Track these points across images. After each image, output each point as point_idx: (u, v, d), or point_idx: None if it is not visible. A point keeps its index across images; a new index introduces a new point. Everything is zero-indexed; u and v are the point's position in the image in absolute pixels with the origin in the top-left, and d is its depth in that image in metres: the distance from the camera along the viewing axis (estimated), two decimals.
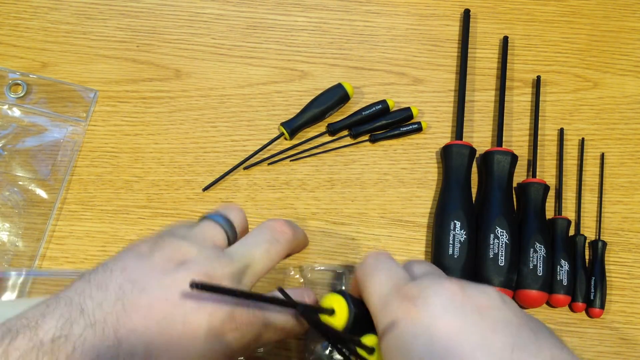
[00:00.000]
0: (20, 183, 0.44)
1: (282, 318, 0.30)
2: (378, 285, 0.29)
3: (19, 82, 0.47)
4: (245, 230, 0.34)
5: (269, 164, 0.47)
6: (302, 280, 0.42)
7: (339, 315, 0.30)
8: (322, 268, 0.42)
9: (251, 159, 0.47)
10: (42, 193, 0.44)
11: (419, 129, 0.48)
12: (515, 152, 0.47)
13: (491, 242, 0.43)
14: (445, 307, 0.26)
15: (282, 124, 0.47)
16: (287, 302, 0.29)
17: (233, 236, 0.32)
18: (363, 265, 0.32)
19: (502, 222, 0.43)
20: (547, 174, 0.49)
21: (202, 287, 0.25)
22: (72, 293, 0.25)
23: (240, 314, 0.27)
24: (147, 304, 0.25)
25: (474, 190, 0.47)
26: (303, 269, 0.42)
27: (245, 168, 0.47)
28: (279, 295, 0.30)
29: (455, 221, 0.43)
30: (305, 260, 0.44)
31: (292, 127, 0.47)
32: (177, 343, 0.25)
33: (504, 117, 0.49)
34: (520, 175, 0.48)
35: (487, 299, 0.27)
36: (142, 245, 0.29)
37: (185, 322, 0.26)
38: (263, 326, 0.29)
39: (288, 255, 0.35)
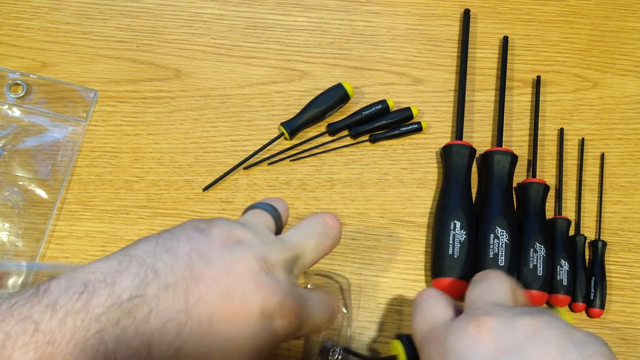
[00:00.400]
0: (20, 183, 0.44)
1: (319, 316, 0.31)
2: (418, 323, 0.31)
3: (19, 82, 0.47)
4: (286, 223, 0.35)
5: (269, 164, 0.47)
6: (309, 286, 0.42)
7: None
8: (323, 274, 0.42)
9: (251, 159, 0.47)
10: (42, 193, 0.44)
11: (419, 129, 0.48)
12: (515, 152, 0.47)
13: (491, 242, 0.43)
14: (508, 343, 0.26)
15: (282, 124, 0.47)
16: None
17: (279, 224, 0.33)
18: (414, 302, 0.33)
19: (502, 222, 0.43)
20: (547, 174, 0.49)
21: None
22: (141, 253, 0.25)
23: (290, 304, 0.28)
24: (212, 275, 0.26)
25: (474, 190, 0.47)
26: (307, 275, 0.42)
27: (245, 168, 0.47)
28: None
29: (455, 221, 0.43)
30: None
31: (292, 127, 0.47)
32: (234, 318, 0.26)
33: (504, 117, 0.49)
34: (520, 175, 0.48)
35: None
36: (199, 222, 0.29)
37: (243, 299, 0.26)
38: (304, 320, 0.29)
39: None
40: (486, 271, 0.33)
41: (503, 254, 0.42)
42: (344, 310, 0.40)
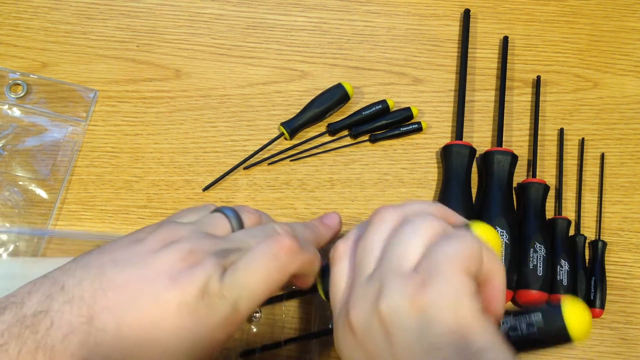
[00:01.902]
0: (20, 183, 0.44)
1: (253, 282, 0.28)
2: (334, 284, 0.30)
3: (19, 82, 0.47)
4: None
5: (269, 164, 0.47)
6: None
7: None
8: None
9: (251, 159, 0.47)
10: (42, 193, 0.44)
11: (419, 129, 0.48)
12: (515, 152, 0.47)
13: None
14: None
15: (282, 124, 0.47)
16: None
17: (238, 228, 0.32)
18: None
19: (502, 222, 0.43)
20: (547, 174, 0.49)
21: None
22: (59, 272, 0.27)
23: (212, 287, 0.27)
24: (123, 281, 0.26)
25: (474, 190, 0.47)
26: None
27: (245, 168, 0.47)
28: None
29: None
30: None
31: (292, 127, 0.47)
32: (148, 320, 0.25)
33: (504, 117, 0.49)
34: (520, 175, 0.48)
35: None
36: (141, 232, 0.29)
37: (156, 298, 0.26)
38: (236, 297, 0.28)
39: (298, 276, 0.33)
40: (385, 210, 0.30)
41: (503, 254, 0.42)
42: None
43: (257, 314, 0.40)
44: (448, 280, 0.25)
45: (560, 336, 0.27)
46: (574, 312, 0.27)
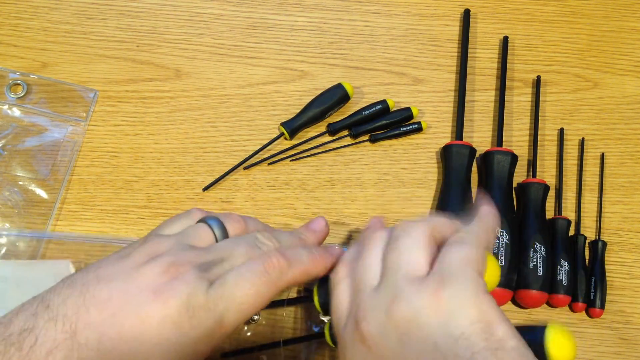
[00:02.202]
0: (20, 183, 0.44)
1: (240, 296, 0.29)
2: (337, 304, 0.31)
3: (19, 82, 0.47)
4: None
5: (269, 164, 0.47)
6: None
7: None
8: None
9: (251, 159, 0.47)
10: (42, 193, 0.44)
11: (419, 129, 0.48)
12: (515, 152, 0.47)
13: None
14: None
15: (282, 124, 0.47)
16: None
17: (222, 238, 0.32)
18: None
19: (502, 222, 0.43)
20: (547, 174, 0.49)
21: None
22: (47, 292, 0.27)
23: (195, 300, 0.27)
24: (107, 297, 0.26)
25: (474, 190, 0.47)
26: None
27: (245, 168, 0.47)
28: None
29: None
30: None
31: (292, 127, 0.47)
32: (130, 333, 0.26)
33: (504, 117, 0.49)
34: (520, 175, 0.48)
35: None
36: (129, 248, 0.30)
37: (138, 312, 0.26)
38: (222, 310, 0.28)
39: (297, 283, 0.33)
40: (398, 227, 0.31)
41: (503, 254, 0.42)
42: None
43: (256, 317, 0.40)
44: (465, 279, 0.26)
45: None
46: (557, 341, 0.27)
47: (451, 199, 0.44)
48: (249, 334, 0.39)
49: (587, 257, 0.46)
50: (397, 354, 0.26)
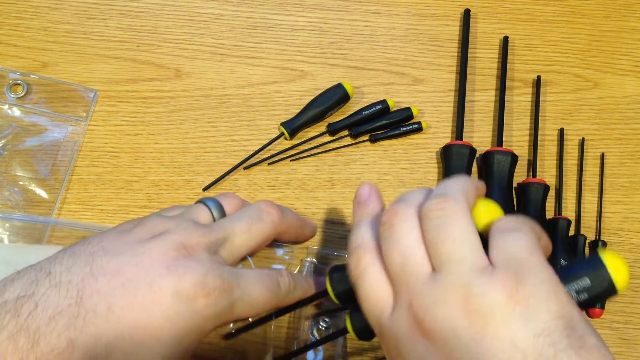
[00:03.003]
0: (20, 183, 0.44)
1: (256, 291, 0.30)
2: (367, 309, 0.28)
3: (19, 82, 0.47)
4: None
5: (269, 164, 0.47)
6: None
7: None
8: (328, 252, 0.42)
9: (251, 159, 0.47)
10: (42, 193, 0.44)
11: (419, 129, 0.48)
12: (515, 152, 0.47)
13: None
14: None
15: (282, 124, 0.47)
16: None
17: (219, 217, 0.33)
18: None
19: None
20: (547, 174, 0.49)
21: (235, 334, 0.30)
22: (45, 261, 0.27)
23: (213, 280, 0.27)
24: (116, 268, 0.26)
25: None
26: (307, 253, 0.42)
27: (245, 168, 0.47)
28: None
29: None
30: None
31: (292, 127, 0.47)
32: (141, 304, 0.26)
33: (504, 117, 0.49)
34: (520, 175, 0.48)
35: None
36: (127, 224, 0.30)
37: (151, 284, 0.26)
38: (237, 297, 0.29)
39: (281, 241, 0.36)
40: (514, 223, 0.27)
41: None
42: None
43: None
44: (540, 272, 0.24)
45: (608, 292, 0.26)
46: (616, 266, 0.26)
47: None
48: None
49: (587, 257, 0.46)
50: (471, 352, 0.24)
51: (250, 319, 0.34)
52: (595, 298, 0.27)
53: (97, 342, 0.24)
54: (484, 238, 0.27)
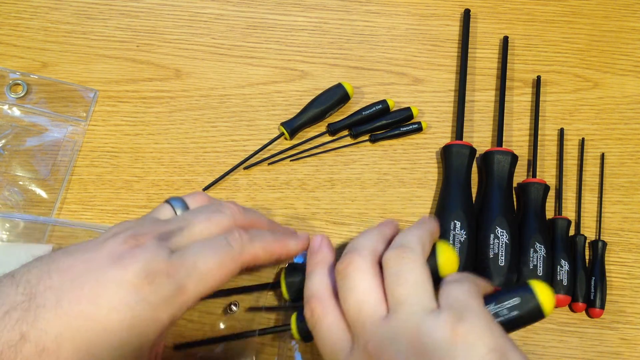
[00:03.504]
0: (20, 183, 0.44)
1: (203, 261, 0.30)
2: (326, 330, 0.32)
3: (19, 82, 0.47)
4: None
5: (269, 164, 0.47)
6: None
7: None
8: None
9: (251, 159, 0.47)
10: (42, 193, 0.44)
11: (419, 129, 0.48)
12: (515, 152, 0.47)
13: (491, 242, 0.43)
14: None
15: (282, 124, 0.47)
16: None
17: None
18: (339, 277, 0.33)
19: (502, 222, 0.43)
20: (547, 174, 0.49)
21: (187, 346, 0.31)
22: (17, 268, 0.28)
23: (156, 265, 0.28)
24: (69, 265, 0.28)
25: (474, 190, 0.47)
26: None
27: (245, 168, 0.47)
28: None
29: (455, 221, 0.43)
30: None
31: (292, 127, 0.47)
32: (88, 296, 0.27)
33: (504, 117, 0.49)
34: (520, 175, 0.48)
35: None
36: (104, 234, 0.31)
37: (98, 277, 0.27)
38: (184, 276, 0.29)
39: (271, 262, 0.35)
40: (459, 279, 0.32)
41: (503, 254, 0.42)
42: None
43: (235, 307, 0.39)
44: (477, 312, 0.29)
45: (536, 314, 0.31)
46: (543, 291, 0.31)
47: (451, 199, 0.44)
48: (223, 326, 0.39)
49: (587, 257, 0.46)
50: None
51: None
52: (526, 316, 0.31)
53: (47, 335, 0.26)
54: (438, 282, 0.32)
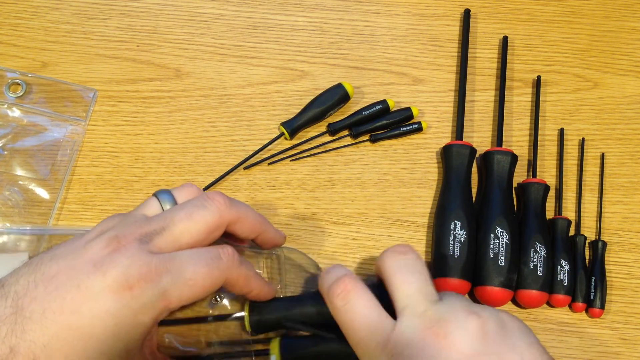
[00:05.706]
0: (20, 183, 0.44)
1: (190, 270, 0.29)
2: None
3: (19, 81, 0.47)
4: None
5: (269, 164, 0.47)
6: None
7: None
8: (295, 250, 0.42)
9: (251, 159, 0.47)
10: (42, 193, 0.44)
11: (419, 129, 0.48)
12: (515, 152, 0.47)
13: (491, 242, 0.43)
14: (469, 346, 0.29)
15: (282, 124, 0.47)
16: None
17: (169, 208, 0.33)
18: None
19: (502, 222, 0.43)
20: (547, 174, 0.49)
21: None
22: (7, 275, 0.28)
23: (137, 270, 0.28)
24: (54, 273, 0.28)
25: (474, 190, 0.47)
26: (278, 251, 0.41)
27: (245, 168, 0.47)
28: None
29: (455, 221, 0.43)
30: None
31: (293, 127, 0.47)
32: (70, 306, 0.27)
33: (504, 117, 0.49)
34: (520, 175, 0.48)
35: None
36: (89, 232, 0.31)
37: (79, 285, 0.27)
38: (167, 282, 0.28)
39: (242, 242, 0.36)
40: (399, 249, 0.34)
41: (503, 254, 0.42)
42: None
43: (219, 299, 0.38)
44: (462, 320, 0.30)
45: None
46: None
47: (451, 199, 0.44)
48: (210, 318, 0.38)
49: (587, 257, 0.46)
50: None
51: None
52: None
53: (36, 347, 0.26)
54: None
